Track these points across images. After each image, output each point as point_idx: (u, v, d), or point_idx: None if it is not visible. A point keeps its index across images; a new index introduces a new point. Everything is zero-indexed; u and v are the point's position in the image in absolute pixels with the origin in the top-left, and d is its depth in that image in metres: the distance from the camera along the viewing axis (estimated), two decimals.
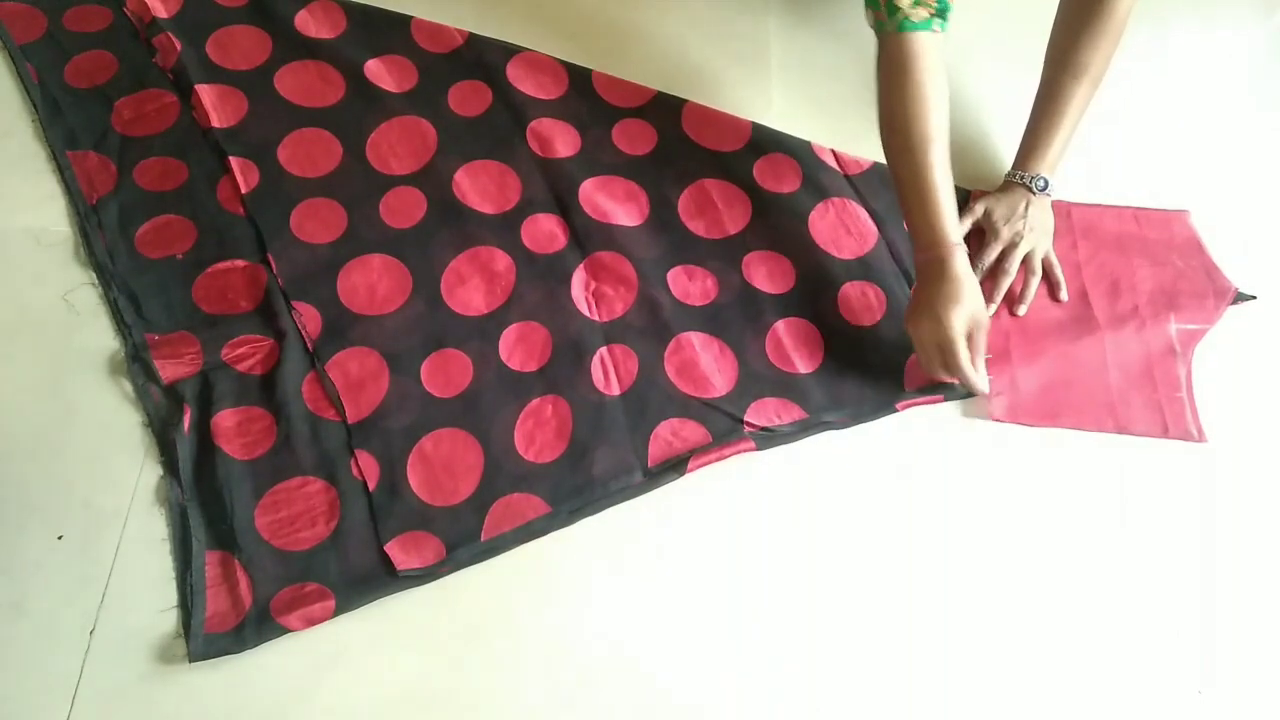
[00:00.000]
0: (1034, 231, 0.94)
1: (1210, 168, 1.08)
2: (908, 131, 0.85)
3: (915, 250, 0.87)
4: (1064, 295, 0.95)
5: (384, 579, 0.76)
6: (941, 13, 0.85)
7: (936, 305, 0.83)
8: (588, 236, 0.96)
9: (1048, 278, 0.96)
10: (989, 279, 0.94)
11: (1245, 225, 1.03)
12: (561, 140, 1.03)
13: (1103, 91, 1.08)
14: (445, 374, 0.86)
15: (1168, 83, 1.17)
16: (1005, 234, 0.94)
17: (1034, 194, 0.94)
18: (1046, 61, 0.95)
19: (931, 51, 0.85)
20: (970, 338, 0.84)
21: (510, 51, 1.09)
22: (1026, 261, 0.94)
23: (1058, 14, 0.95)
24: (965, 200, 0.99)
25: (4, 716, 0.69)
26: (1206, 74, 1.18)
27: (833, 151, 1.04)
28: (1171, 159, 1.09)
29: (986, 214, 0.95)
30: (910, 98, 0.85)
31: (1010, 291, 0.94)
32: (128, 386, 0.84)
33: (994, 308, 0.93)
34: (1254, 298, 0.96)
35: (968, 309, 0.83)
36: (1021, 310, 0.93)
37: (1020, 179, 0.95)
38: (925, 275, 0.85)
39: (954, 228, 0.84)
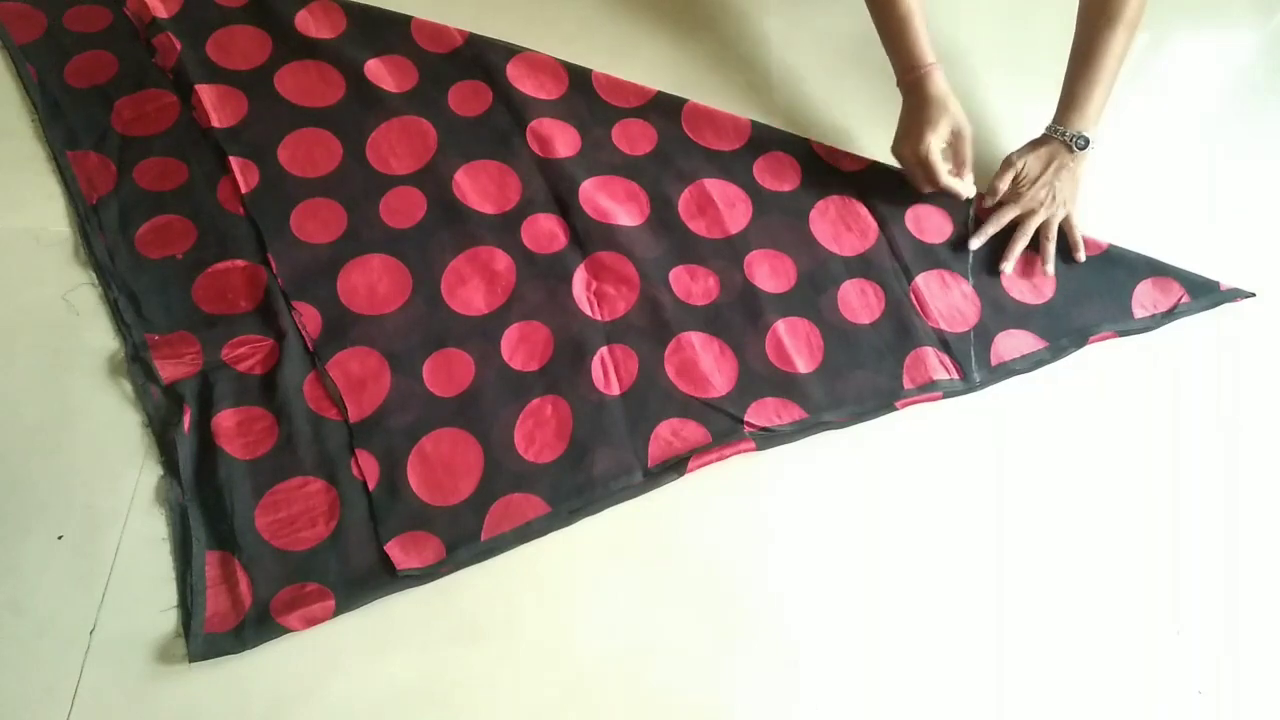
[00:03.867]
0: (1055, 201, 0.94)
1: (1209, 168, 1.08)
2: None
3: (897, 76, 0.95)
4: (1080, 258, 0.96)
5: (384, 579, 0.76)
6: None
7: (913, 126, 0.93)
8: (588, 236, 0.96)
9: (1066, 240, 0.97)
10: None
11: (1245, 225, 1.03)
12: (561, 140, 1.03)
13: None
14: (447, 373, 0.86)
15: (1167, 83, 1.17)
16: (1025, 199, 0.94)
17: (1071, 153, 0.93)
18: (1080, 11, 0.95)
19: None
20: (955, 149, 0.95)
21: (510, 51, 1.09)
22: (1043, 228, 0.95)
23: None
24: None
25: (4, 716, 0.69)
26: (1206, 75, 1.18)
27: (832, 149, 1.04)
28: (1171, 159, 1.09)
29: (1026, 171, 0.94)
30: None
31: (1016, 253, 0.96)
32: (128, 386, 0.84)
33: (1008, 266, 0.95)
34: (1253, 295, 0.96)
35: (946, 123, 0.92)
36: (1049, 269, 0.95)
37: (1059, 134, 0.93)
38: (906, 98, 0.95)
39: (927, 49, 0.92)
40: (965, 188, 0.94)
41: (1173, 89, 1.16)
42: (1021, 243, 0.95)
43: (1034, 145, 0.95)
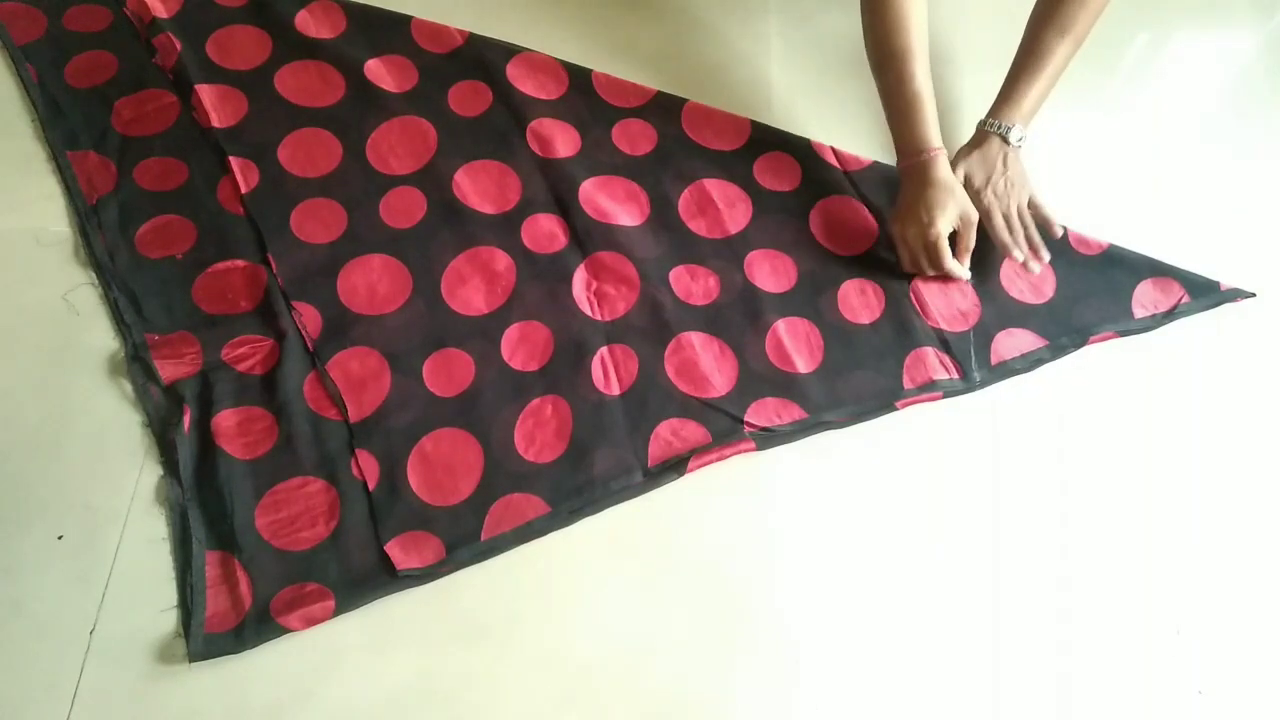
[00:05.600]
0: (1014, 185, 0.94)
1: (1209, 168, 1.08)
2: (889, 46, 0.92)
3: (899, 158, 0.93)
4: (1058, 231, 0.96)
5: (384, 579, 0.76)
6: None
7: (920, 207, 0.91)
8: (588, 236, 0.96)
9: (1037, 220, 0.96)
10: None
11: (1245, 225, 1.03)
12: (561, 140, 1.03)
13: (1103, 91, 1.08)
14: (447, 373, 0.86)
15: (1167, 84, 1.17)
16: (989, 199, 0.94)
17: (1009, 145, 0.94)
18: (1032, 17, 0.96)
19: None
20: (959, 235, 0.92)
21: (510, 51, 1.10)
22: (1020, 217, 0.95)
23: None
24: None
25: (4, 716, 0.69)
26: (1206, 75, 1.18)
27: (832, 149, 1.04)
28: (1171, 159, 1.09)
29: (967, 180, 0.94)
30: (889, 14, 0.91)
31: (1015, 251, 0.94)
32: (128, 386, 0.84)
33: (1018, 254, 0.93)
34: (1253, 295, 0.96)
35: (954, 209, 0.90)
36: (1037, 267, 0.93)
37: (994, 128, 0.95)
38: (909, 180, 0.92)
39: (935, 134, 0.91)
40: (965, 273, 0.93)
41: (1173, 89, 1.16)
42: (1006, 236, 0.94)
43: (969, 150, 0.95)
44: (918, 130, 0.91)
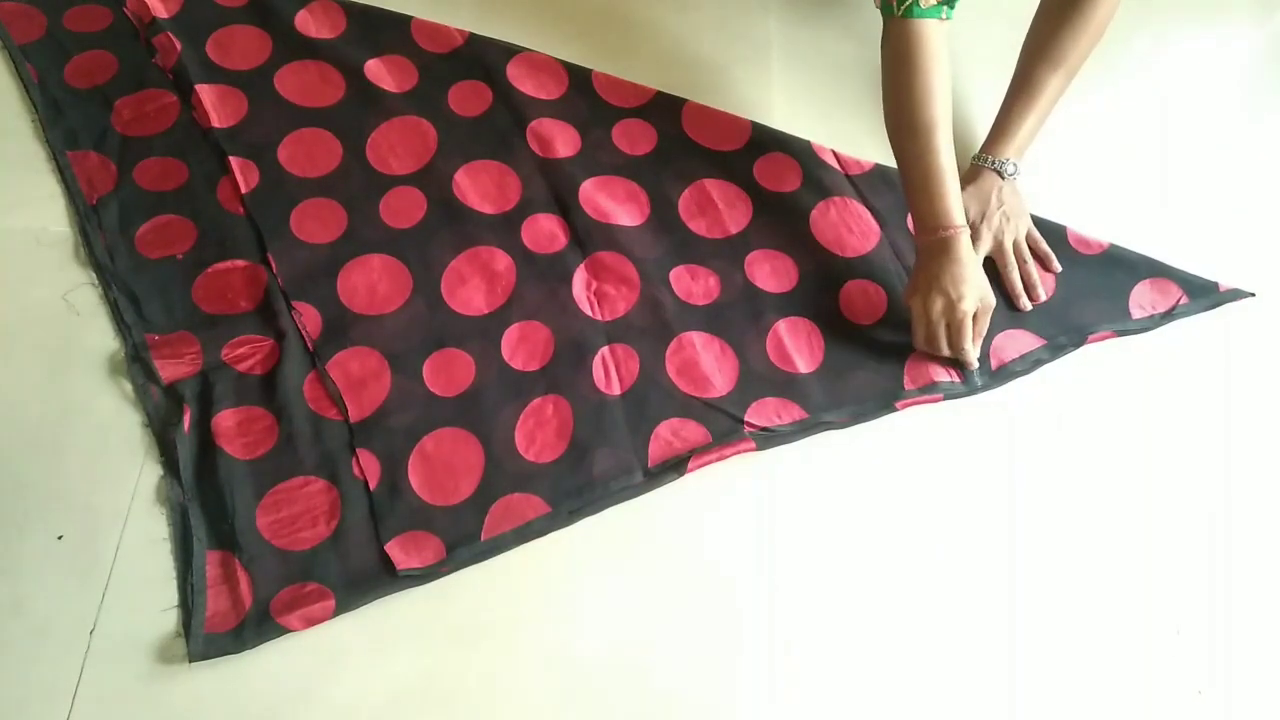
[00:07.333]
0: (1011, 219, 0.94)
1: (1210, 168, 1.08)
2: (913, 117, 0.87)
3: (918, 232, 0.89)
4: (1057, 266, 0.96)
5: (384, 579, 0.76)
6: (949, 0, 0.86)
7: (946, 283, 0.86)
8: (588, 236, 0.96)
9: (1035, 254, 0.96)
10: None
11: (1245, 225, 1.03)
12: (561, 140, 1.03)
13: (1104, 91, 1.08)
14: (448, 373, 0.86)
15: (1167, 83, 1.17)
16: (986, 235, 0.93)
17: (1003, 179, 0.94)
18: (1024, 51, 0.96)
19: (937, 38, 0.87)
20: (976, 318, 0.87)
21: (510, 51, 1.09)
22: (1016, 251, 0.95)
23: (1040, 5, 0.96)
24: None
25: (4, 716, 0.69)
26: (1206, 75, 1.19)
27: (833, 152, 1.04)
28: (1171, 159, 1.09)
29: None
30: (915, 84, 0.86)
31: (1013, 286, 0.94)
32: (128, 386, 0.84)
33: (1025, 302, 0.94)
34: (1253, 295, 0.96)
35: (977, 290, 0.86)
36: (1028, 305, 0.94)
37: (988, 163, 0.95)
38: (931, 254, 0.87)
39: (958, 210, 0.86)
40: (975, 361, 0.89)
41: (1173, 88, 1.16)
42: (1013, 272, 0.94)
43: (962, 185, 0.93)
44: (941, 205, 0.85)
